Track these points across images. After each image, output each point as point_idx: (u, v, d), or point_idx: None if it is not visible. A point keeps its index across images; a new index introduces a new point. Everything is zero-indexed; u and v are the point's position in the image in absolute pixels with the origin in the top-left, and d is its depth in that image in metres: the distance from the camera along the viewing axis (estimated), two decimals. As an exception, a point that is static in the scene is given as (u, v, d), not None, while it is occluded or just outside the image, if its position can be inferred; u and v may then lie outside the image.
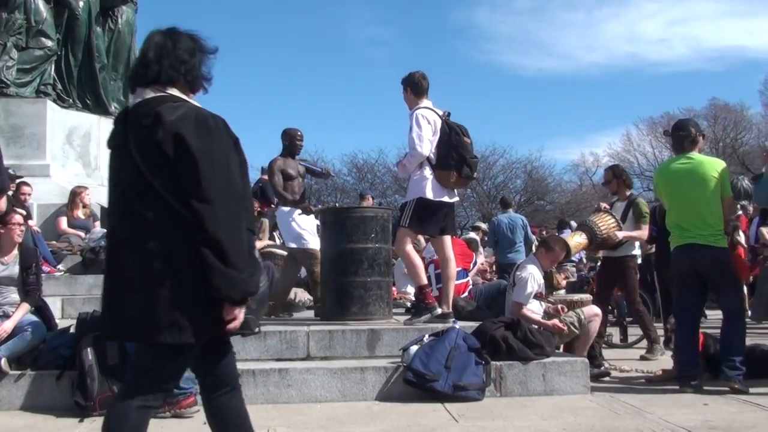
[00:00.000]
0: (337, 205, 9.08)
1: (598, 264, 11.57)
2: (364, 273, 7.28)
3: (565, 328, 6.61)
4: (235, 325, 2.82)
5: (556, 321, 6.63)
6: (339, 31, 70.40)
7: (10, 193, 9.13)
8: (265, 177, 16.61)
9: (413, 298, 9.04)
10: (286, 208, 8.21)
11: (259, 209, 12.25)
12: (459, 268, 8.68)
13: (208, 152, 2.76)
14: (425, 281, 6.91)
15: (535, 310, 6.79)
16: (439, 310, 6.72)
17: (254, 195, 14.03)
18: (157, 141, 2.76)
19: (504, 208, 13.61)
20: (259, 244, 9.50)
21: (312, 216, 8.26)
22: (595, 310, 6.89)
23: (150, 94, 2.91)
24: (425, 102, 6.92)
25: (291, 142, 8.37)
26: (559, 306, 6.80)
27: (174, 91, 2.94)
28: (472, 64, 69.59)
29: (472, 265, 10.45)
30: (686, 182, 6.10)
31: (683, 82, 66.54)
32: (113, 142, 3.01)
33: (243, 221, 2.81)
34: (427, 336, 5.92)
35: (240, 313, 2.81)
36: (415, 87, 6.95)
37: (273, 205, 14.33)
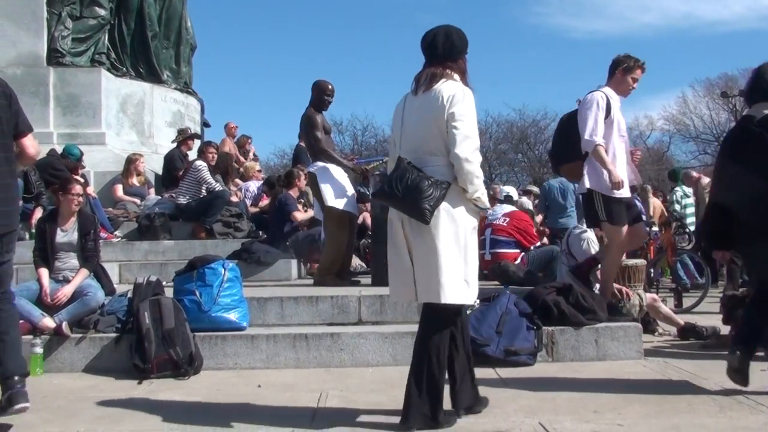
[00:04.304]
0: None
1: (652, 229, 11.43)
2: (414, 238, 7.27)
3: (631, 293, 6.57)
4: None
5: (624, 287, 6.58)
6: (388, -5, 69.83)
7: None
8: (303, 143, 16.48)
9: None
10: (325, 164, 7.68)
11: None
12: (511, 239, 8.57)
13: None
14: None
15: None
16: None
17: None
18: None
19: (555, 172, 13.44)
20: (303, 215, 9.42)
21: (346, 175, 7.81)
22: (654, 296, 6.84)
23: None
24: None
25: (319, 96, 7.82)
26: (624, 289, 6.69)
27: None
28: (523, 28, 68.73)
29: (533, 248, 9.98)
30: None
31: (741, 42, 64.70)
32: (754, 145, 4.38)
33: None
34: (477, 301, 5.89)
35: None
36: None
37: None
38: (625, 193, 6.11)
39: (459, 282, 3.82)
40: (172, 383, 5.23)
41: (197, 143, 12.14)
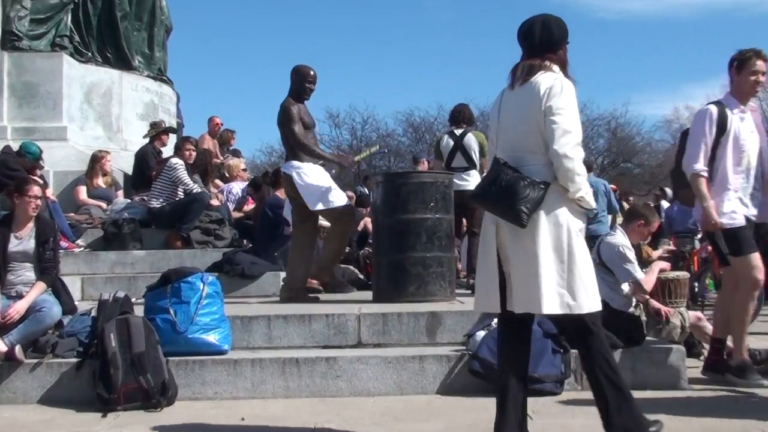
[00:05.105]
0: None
1: (696, 237, 11.37)
2: (422, 248, 7.25)
3: (671, 312, 6.51)
4: None
5: (663, 307, 6.53)
6: (392, -30, 69.92)
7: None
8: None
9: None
10: (302, 163, 7.66)
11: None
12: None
13: None
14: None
15: (626, 289, 6.67)
16: None
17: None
18: None
19: (584, 171, 13.42)
20: None
21: (323, 170, 7.80)
22: (699, 314, 6.75)
23: None
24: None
25: (300, 84, 7.81)
26: (663, 309, 6.63)
27: None
28: (547, 7, 68.51)
29: None
30: None
31: (796, 22, 64.55)
32: None
33: None
34: (495, 320, 5.84)
35: None
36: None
37: None
38: (737, 220, 5.83)
39: (560, 290, 3.96)
40: (142, 416, 5.18)
41: (173, 138, 12.10)
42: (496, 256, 4.09)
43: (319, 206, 7.56)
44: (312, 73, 7.83)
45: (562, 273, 3.96)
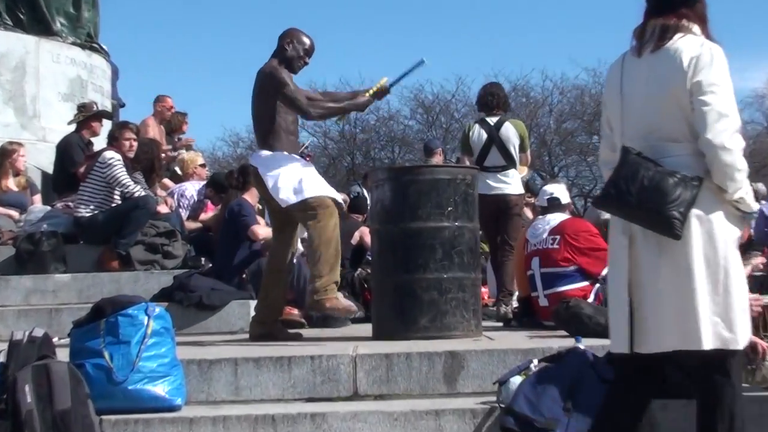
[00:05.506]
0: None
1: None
2: (438, 266, 7.26)
3: None
4: None
5: (760, 341, 6.52)
6: None
7: None
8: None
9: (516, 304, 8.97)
10: (272, 152, 7.56)
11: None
12: (572, 267, 8.33)
13: None
14: None
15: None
16: None
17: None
18: None
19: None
20: (267, 231, 9.23)
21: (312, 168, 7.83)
22: None
23: None
24: None
25: (295, 53, 7.73)
26: (761, 344, 6.63)
27: None
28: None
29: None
30: None
31: None
32: None
33: None
34: (535, 362, 5.84)
35: None
36: None
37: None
38: None
39: (714, 318, 3.96)
40: (68, 494, 5.17)
41: (107, 125, 12.10)
42: (627, 278, 4.10)
43: (289, 199, 7.31)
44: (310, 43, 7.79)
45: (716, 297, 3.95)
